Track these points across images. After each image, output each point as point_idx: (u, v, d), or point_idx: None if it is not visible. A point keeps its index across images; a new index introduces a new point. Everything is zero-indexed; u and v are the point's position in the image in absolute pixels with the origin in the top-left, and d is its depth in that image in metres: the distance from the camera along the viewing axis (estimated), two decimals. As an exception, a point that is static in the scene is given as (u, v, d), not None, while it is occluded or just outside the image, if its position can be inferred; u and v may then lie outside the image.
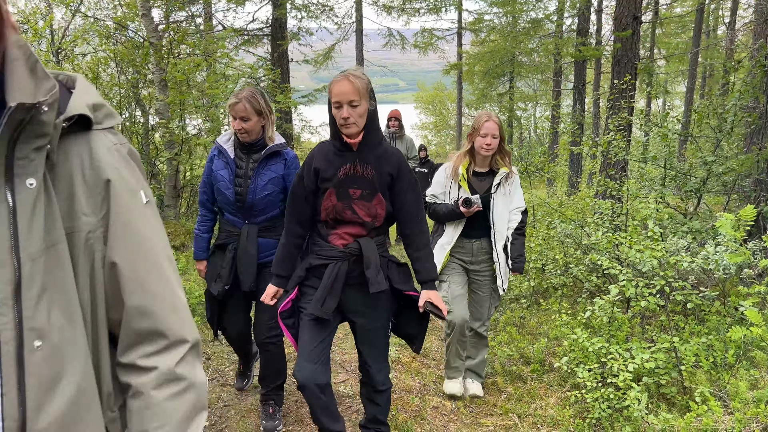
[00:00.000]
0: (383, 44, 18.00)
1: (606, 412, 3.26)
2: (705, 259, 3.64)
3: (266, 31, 12.41)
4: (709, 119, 6.11)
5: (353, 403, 3.77)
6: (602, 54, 14.22)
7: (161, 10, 8.83)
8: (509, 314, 5.36)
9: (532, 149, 23.49)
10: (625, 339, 3.91)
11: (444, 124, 27.89)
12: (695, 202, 5.81)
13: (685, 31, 20.48)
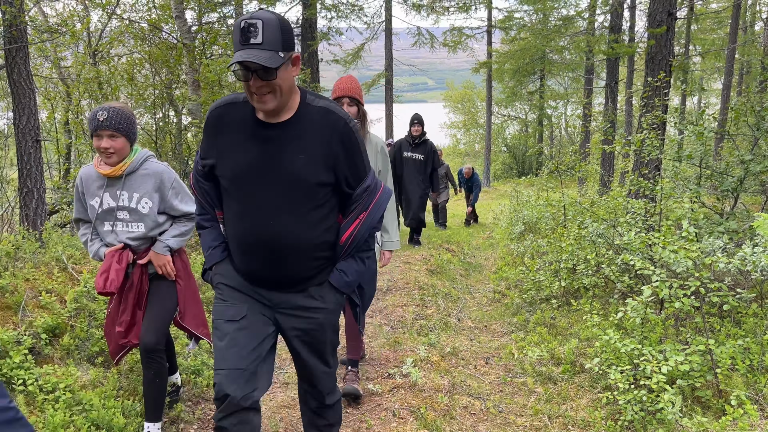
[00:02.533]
0: (412, 43, 17.99)
1: (639, 415, 3.22)
2: (742, 260, 3.57)
3: (296, 31, 12.50)
4: (747, 117, 5.97)
5: (382, 400, 3.79)
6: (635, 51, 13.98)
7: (194, 12, 8.97)
8: (539, 315, 5.32)
9: (563, 148, 23.24)
10: (659, 341, 3.85)
11: (473, 123, 27.75)
12: (732, 202, 5.69)
13: (721, 27, 20.02)
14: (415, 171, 8.38)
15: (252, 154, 2.15)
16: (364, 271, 2.38)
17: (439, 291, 6.36)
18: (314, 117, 2.15)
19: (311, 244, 2.21)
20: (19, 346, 3.39)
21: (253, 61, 1.94)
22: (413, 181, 8.36)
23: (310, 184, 2.13)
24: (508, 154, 25.57)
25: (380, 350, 4.68)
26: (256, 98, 2.04)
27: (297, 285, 2.28)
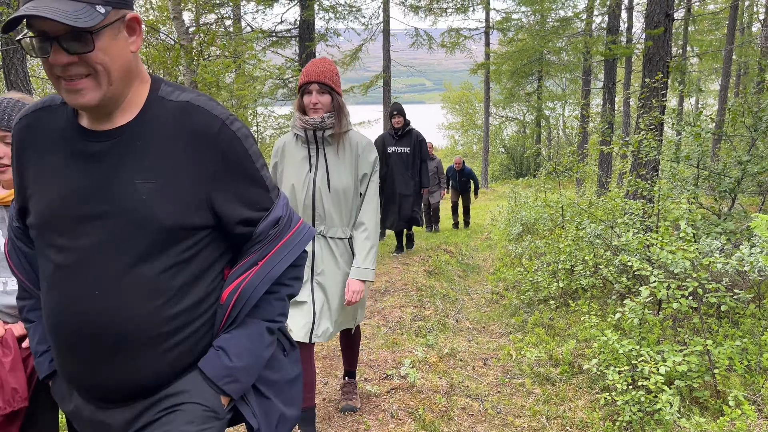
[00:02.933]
0: (410, 44, 18.00)
1: (637, 415, 3.22)
2: (739, 260, 3.57)
3: (294, 33, 12.51)
4: (744, 118, 5.98)
5: (380, 402, 3.78)
6: (633, 52, 14.00)
7: (192, 13, 8.97)
8: (538, 315, 5.32)
9: (561, 149, 23.27)
10: (657, 341, 3.85)
11: (471, 124, 27.77)
12: (729, 203, 5.69)
13: (718, 28, 20.07)
14: (402, 166, 7.61)
15: (68, 184, 1.33)
16: (261, 354, 1.46)
17: (437, 292, 6.35)
18: (170, 119, 1.34)
19: (167, 328, 1.33)
20: None
21: (47, 16, 1.14)
22: (401, 178, 7.58)
23: (164, 227, 1.30)
24: (506, 155, 25.58)
25: (378, 351, 4.68)
26: (64, 86, 1.26)
27: (142, 395, 1.36)
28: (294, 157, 2.97)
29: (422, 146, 7.76)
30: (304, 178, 2.91)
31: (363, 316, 3.23)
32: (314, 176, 2.90)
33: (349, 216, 2.98)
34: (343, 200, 2.92)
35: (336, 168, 2.90)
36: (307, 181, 2.90)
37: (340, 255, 2.96)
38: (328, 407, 3.72)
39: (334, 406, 3.74)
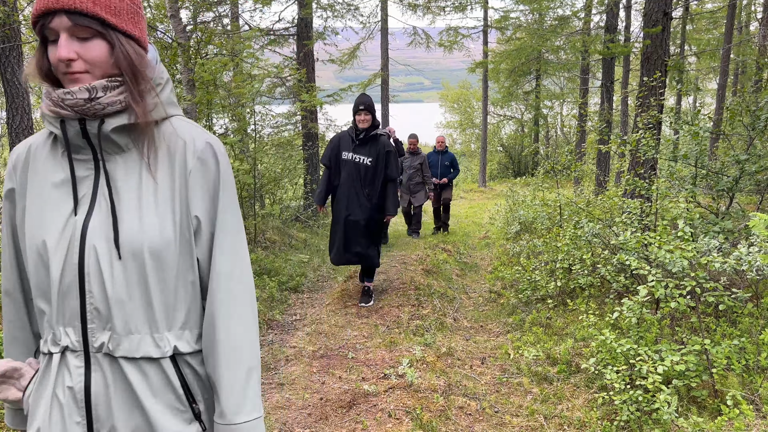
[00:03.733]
0: (408, 43, 17.98)
1: (635, 415, 3.21)
2: (737, 259, 3.57)
3: (292, 31, 12.48)
4: (742, 117, 5.97)
5: (378, 401, 3.77)
6: (631, 51, 13.99)
7: (189, 11, 8.94)
8: (535, 314, 5.32)
9: (559, 148, 23.27)
10: (655, 341, 3.85)
11: (469, 123, 27.76)
12: (727, 202, 5.69)
13: (716, 27, 20.07)
14: (357, 181, 5.68)
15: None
16: None
17: (435, 291, 6.35)
18: None
19: None
20: None
21: None
22: (354, 198, 5.66)
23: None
24: (504, 154, 25.57)
25: (376, 350, 4.67)
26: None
27: None
28: (43, 183, 1.33)
29: (390, 159, 5.76)
30: (62, 229, 1.28)
31: None
32: (83, 223, 1.27)
33: (172, 306, 1.30)
34: (154, 273, 1.26)
35: (134, 202, 1.27)
36: (67, 235, 1.27)
37: (151, 395, 1.28)
38: (326, 407, 3.71)
39: (331, 405, 3.73)
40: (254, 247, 7.45)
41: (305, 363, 4.46)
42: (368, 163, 5.64)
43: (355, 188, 5.64)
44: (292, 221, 10.32)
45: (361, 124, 5.66)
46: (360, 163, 5.66)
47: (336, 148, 5.78)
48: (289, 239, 8.63)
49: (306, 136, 11.75)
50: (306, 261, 7.61)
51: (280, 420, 3.54)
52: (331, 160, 5.75)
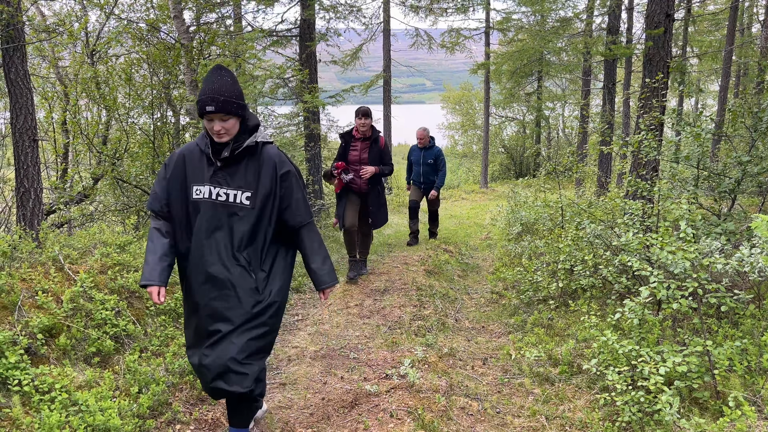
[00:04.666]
0: (410, 44, 18.00)
1: (636, 416, 3.21)
2: (739, 261, 3.57)
3: (295, 32, 12.51)
4: (744, 118, 5.98)
5: (380, 401, 3.78)
6: (633, 53, 14.00)
7: (192, 12, 8.96)
8: (537, 315, 5.32)
9: (561, 149, 23.27)
10: (656, 342, 3.85)
11: (471, 124, 27.76)
12: (729, 203, 5.69)
13: (718, 28, 20.08)
14: None
15: None
16: None
17: (437, 291, 6.35)
18: None
19: None
20: (15, 346, 3.38)
21: None
22: None
23: None
24: (506, 155, 25.58)
25: (377, 351, 4.67)
26: None
27: None
28: None
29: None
30: None
31: None
32: None
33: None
34: None
35: None
36: None
37: None
38: (327, 407, 3.72)
39: (333, 405, 3.74)
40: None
41: (307, 363, 4.46)
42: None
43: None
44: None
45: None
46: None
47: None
48: (291, 240, 8.63)
49: (308, 137, 11.77)
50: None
51: (283, 420, 3.55)
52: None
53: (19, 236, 4.93)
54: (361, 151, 6.46)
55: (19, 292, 3.93)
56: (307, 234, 2.96)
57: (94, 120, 8.50)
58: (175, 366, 3.88)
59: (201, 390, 3.80)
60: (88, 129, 8.37)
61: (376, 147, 6.50)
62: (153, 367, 3.84)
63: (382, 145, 6.56)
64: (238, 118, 2.76)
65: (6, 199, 8.40)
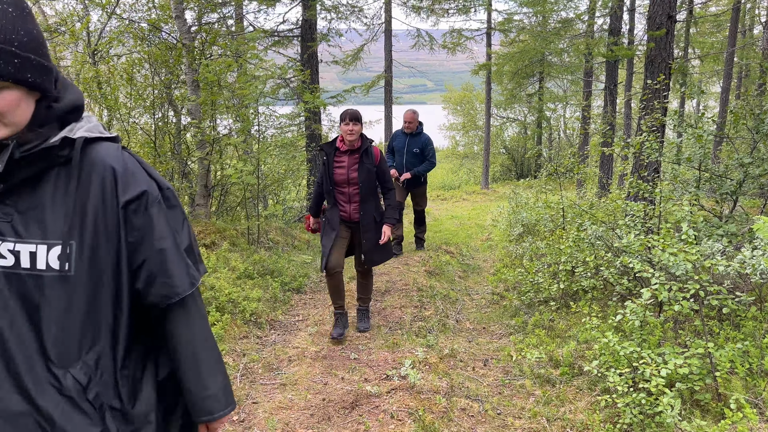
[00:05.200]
0: (412, 45, 17.99)
1: (637, 418, 3.21)
2: (741, 263, 3.56)
3: (296, 33, 12.51)
4: (746, 120, 5.97)
5: (380, 402, 3.78)
6: (635, 54, 13.99)
7: (194, 12, 8.97)
8: (538, 317, 5.31)
9: (562, 150, 23.26)
10: (658, 344, 3.84)
11: (472, 125, 27.76)
12: (731, 205, 5.69)
13: (720, 30, 20.06)
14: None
15: None
16: None
17: (438, 292, 6.35)
18: None
19: None
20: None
21: None
22: None
23: None
24: (507, 156, 25.57)
25: (378, 351, 4.67)
26: None
27: None
28: None
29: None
30: None
31: None
32: None
33: None
34: None
35: None
36: None
37: None
38: (328, 408, 3.72)
39: (334, 406, 3.74)
40: (257, 248, 7.46)
41: (308, 363, 4.46)
42: None
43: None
44: (295, 222, 10.34)
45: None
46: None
47: None
48: (291, 240, 8.64)
49: (309, 137, 11.77)
50: (309, 262, 7.62)
51: (283, 420, 3.54)
52: None
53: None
54: (349, 169, 4.83)
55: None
56: (183, 322, 1.50)
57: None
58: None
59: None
60: (89, 129, 8.34)
61: (368, 162, 4.85)
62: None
63: (377, 159, 4.89)
64: (28, 90, 1.28)
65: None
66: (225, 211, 9.19)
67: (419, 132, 7.51)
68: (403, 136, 7.47)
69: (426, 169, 7.45)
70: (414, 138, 7.47)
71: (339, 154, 4.87)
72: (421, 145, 7.39)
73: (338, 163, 4.85)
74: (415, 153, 7.41)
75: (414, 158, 7.43)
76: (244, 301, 5.32)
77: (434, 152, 7.70)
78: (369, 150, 4.89)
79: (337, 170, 4.85)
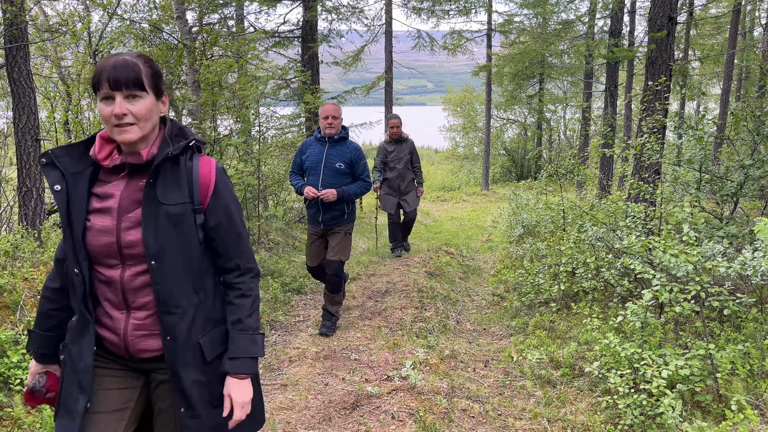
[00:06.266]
0: (412, 46, 18.00)
1: (638, 419, 3.21)
2: (742, 264, 3.56)
3: (297, 33, 12.52)
4: (747, 122, 5.97)
5: (381, 403, 3.77)
6: (635, 55, 14.00)
7: (195, 13, 8.97)
8: (539, 318, 5.31)
9: (562, 151, 23.27)
10: (658, 345, 3.84)
11: (472, 126, 27.75)
12: (731, 207, 5.69)
13: (720, 32, 20.08)
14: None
15: None
16: None
17: (438, 293, 6.35)
18: None
19: None
20: (17, 346, 3.38)
21: None
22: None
23: None
24: (507, 158, 25.57)
25: (379, 352, 4.67)
26: None
27: None
28: None
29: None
30: None
31: None
32: None
33: None
34: None
35: None
36: None
37: None
38: (329, 408, 3.72)
39: (334, 407, 3.74)
40: (258, 249, 7.45)
41: (308, 364, 4.46)
42: None
43: None
44: (296, 223, 10.33)
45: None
46: None
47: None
48: (292, 241, 8.64)
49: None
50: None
51: (284, 421, 3.54)
52: None
53: (21, 236, 4.94)
54: None
55: (21, 292, 3.93)
56: None
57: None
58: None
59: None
60: (90, 129, 8.37)
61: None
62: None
63: None
64: None
65: (8, 198, 8.41)
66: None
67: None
68: (317, 144, 5.04)
69: (358, 191, 5.01)
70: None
71: None
72: (348, 158, 4.98)
73: None
74: (339, 169, 4.94)
75: (336, 178, 4.94)
76: (244, 302, 5.30)
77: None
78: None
79: None
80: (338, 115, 4.93)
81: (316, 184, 4.89)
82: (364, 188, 5.01)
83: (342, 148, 4.96)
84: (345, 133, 5.02)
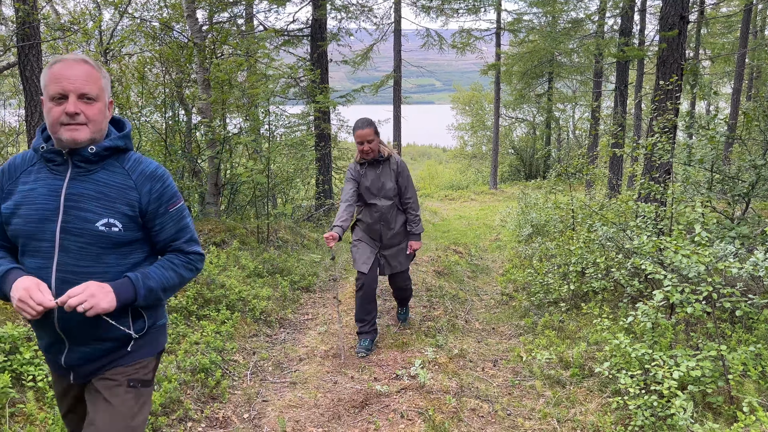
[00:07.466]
0: (421, 45, 17.99)
1: (649, 420, 3.20)
2: (754, 265, 3.54)
3: (306, 32, 12.53)
4: (759, 121, 5.93)
5: (390, 402, 3.78)
6: (646, 54, 13.92)
7: (205, 11, 9.00)
8: (548, 318, 5.30)
9: (571, 151, 23.18)
10: (669, 346, 3.83)
11: (481, 125, 27.70)
12: (743, 207, 5.65)
13: (731, 31, 19.93)
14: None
15: None
16: None
17: (447, 292, 6.34)
18: None
19: None
20: (30, 342, 3.40)
21: None
22: None
23: None
24: (516, 157, 25.51)
25: (388, 351, 4.67)
26: None
27: None
28: None
29: None
30: None
31: None
32: None
33: None
34: None
35: None
36: None
37: None
38: (338, 406, 3.72)
39: (343, 405, 3.74)
40: (267, 247, 7.47)
41: (317, 362, 4.47)
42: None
43: None
44: (304, 221, 10.36)
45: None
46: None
47: None
48: (301, 239, 8.66)
49: (318, 137, 11.79)
50: (318, 261, 7.63)
51: (293, 418, 3.56)
52: None
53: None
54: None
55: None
56: None
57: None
58: (187, 363, 3.89)
59: (212, 388, 3.81)
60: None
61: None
62: (164, 364, 3.86)
63: None
64: None
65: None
66: (235, 209, 9.22)
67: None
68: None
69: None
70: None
71: None
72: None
73: None
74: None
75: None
76: (254, 300, 5.34)
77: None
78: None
79: None
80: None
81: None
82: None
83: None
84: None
